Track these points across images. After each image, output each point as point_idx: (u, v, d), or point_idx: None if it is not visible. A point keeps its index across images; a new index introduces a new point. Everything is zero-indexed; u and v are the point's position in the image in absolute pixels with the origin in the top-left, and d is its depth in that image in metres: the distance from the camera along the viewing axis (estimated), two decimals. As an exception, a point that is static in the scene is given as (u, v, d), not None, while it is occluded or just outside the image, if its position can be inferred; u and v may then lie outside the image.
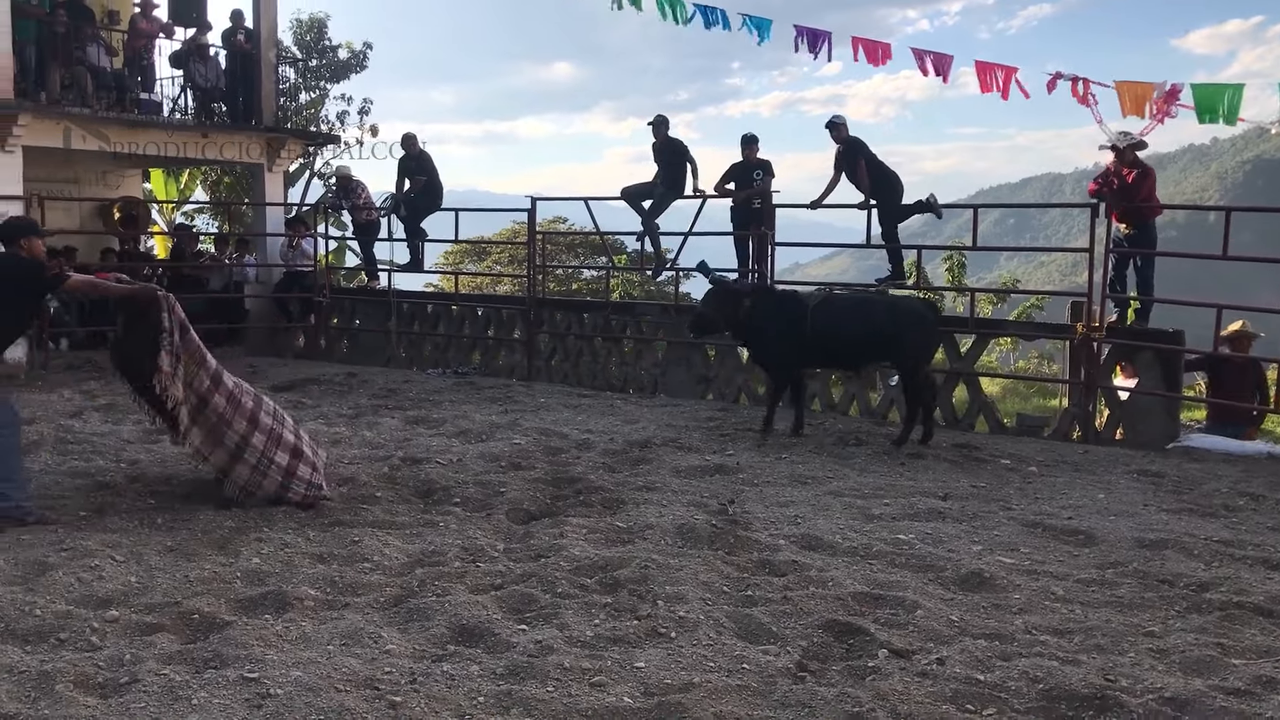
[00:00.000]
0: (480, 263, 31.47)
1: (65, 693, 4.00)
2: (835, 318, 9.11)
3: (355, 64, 30.27)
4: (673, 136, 12.82)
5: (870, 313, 9.23)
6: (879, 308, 9.34)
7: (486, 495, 7.10)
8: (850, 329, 9.08)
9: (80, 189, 16.61)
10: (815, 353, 9.29)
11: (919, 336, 9.13)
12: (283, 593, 5.10)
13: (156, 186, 22.41)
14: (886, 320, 9.07)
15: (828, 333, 9.05)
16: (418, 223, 14.81)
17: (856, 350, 9.26)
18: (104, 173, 17.10)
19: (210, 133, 15.34)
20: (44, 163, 14.23)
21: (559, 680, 4.17)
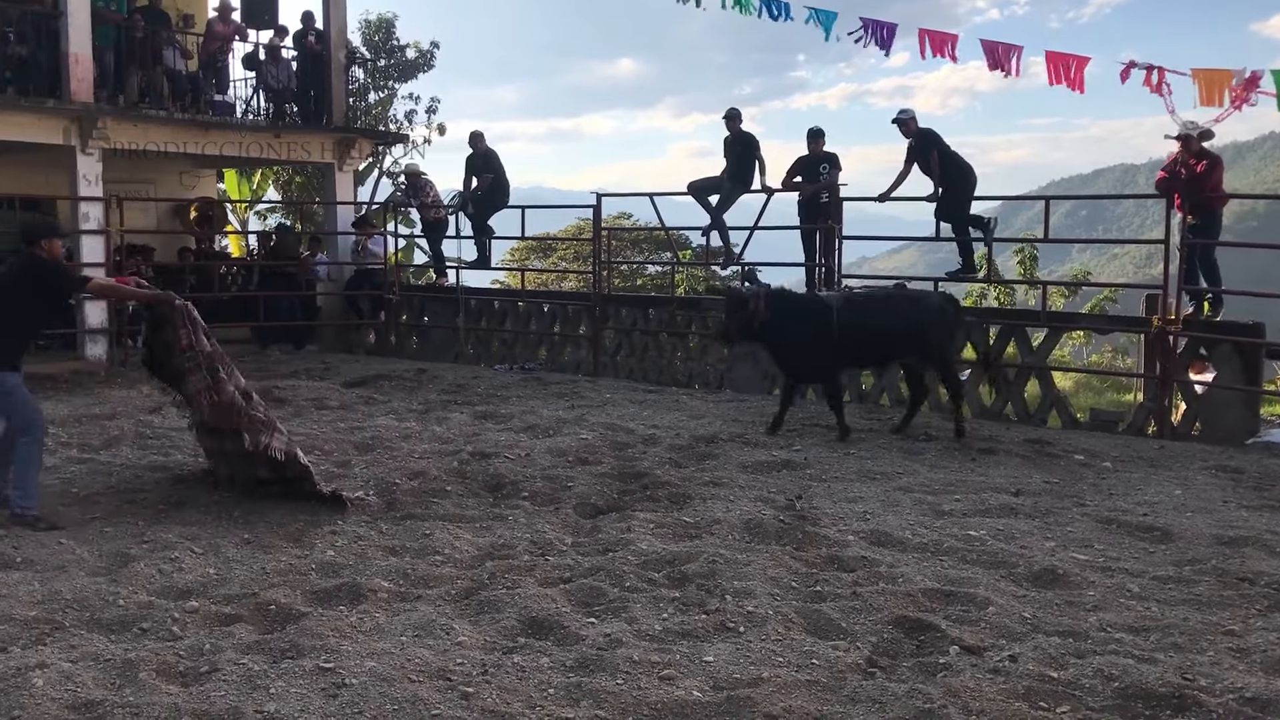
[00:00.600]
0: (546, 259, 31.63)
1: (148, 680, 4.11)
2: (861, 316, 9.05)
3: (423, 63, 30.57)
4: (744, 130, 12.79)
5: (894, 309, 9.23)
6: (902, 304, 9.37)
7: (554, 490, 7.15)
8: (876, 327, 9.03)
9: (157, 189, 16.99)
10: (845, 353, 9.19)
11: (941, 331, 9.23)
12: (356, 585, 5.19)
13: (230, 186, 22.84)
14: (910, 316, 9.10)
15: (854, 332, 8.97)
16: (485, 220, 14.95)
17: (883, 348, 9.23)
18: (180, 173, 17.48)
19: (282, 133, 15.60)
20: (123, 164, 14.57)
21: (628, 673, 4.20)
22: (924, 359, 9.32)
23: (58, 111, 13.07)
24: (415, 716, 3.81)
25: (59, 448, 8.34)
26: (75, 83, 13.14)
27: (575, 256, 29.69)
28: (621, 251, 27.04)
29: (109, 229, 13.43)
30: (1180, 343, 9.91)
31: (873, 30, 12.82)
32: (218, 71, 15.56)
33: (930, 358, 9.28)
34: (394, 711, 3.85)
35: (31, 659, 4.28)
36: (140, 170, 16.00)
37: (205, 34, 15.47)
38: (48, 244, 6.67)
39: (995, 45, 12.22)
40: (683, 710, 3.93)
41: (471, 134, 14.94)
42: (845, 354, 9.18)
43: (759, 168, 12.59)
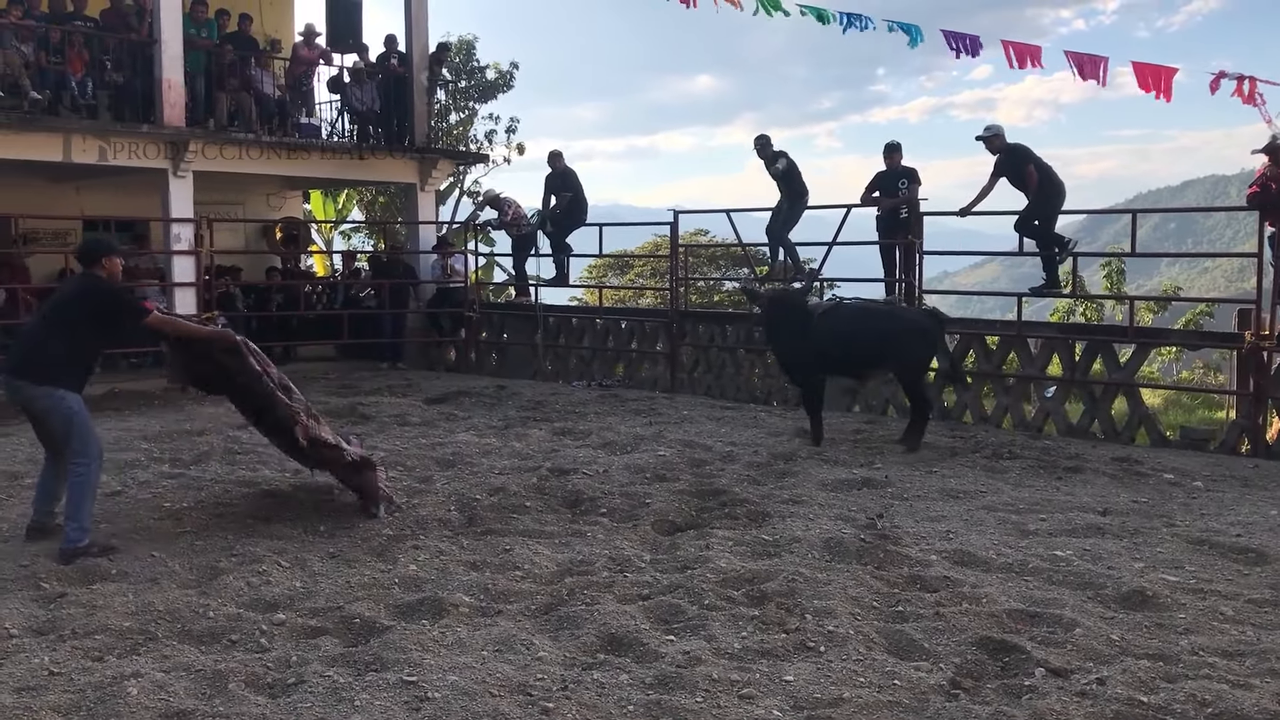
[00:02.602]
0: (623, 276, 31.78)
1: (237, 691, 4.21)
2: (836, 326, 9.40)
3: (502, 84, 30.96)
4: (776, 150, 12.80)
5: (870, 322, 9.49)
6: (878, 317, 9.61)
7: (632, 506, 7.17)
8: (849, 337, 9.32)
9: (245, 210, 17.42)
10: (821, 360, 9.48)
11: (916, 345, 9.37)
12: (439, 599, 5.25)
13: (315, 207, 23.33)
14: (885, 329, 9.34)
15: (829, 340, 9.32)
16: (563, 238, 15.08)
17: (857, 358, 9.45)
18: (268, 195, 17.89)
19: (365, 154, 15.89)
20: (213, 186, 14.96)
21: (708, 691, 4.19)
22: (898, 373, 9.66)
23: (152, 136, 13.47)
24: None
25: (150, 463, 8.59)
26: (168, 108, 13.54)
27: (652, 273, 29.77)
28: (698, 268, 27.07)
29: (199, 249, 13.80)
30: (1275, 358, 9.62)
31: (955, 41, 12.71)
32: (304, 95, 15.91)
33: (901, 372, 9.60)
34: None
35: (126, 668, 4.41)
36: (229, 192, 16.43)
37: (291, 58, 15.84)
38: (108, 263, 6.48)
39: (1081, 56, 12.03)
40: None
41: (550, 153, 15.11)
42: (821, 361, 9.51)
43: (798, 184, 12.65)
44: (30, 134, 12.55)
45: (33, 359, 6.20)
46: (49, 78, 12.91)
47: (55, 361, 6.16)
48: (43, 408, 6.19)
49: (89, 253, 6.52)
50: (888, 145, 12.28)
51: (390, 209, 26.18)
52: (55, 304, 6.44)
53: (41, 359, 6.17)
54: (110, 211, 15.01)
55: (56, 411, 6.16)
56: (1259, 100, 10.75)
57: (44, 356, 6.17)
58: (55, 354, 6.17)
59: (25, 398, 6.22)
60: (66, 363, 6.19)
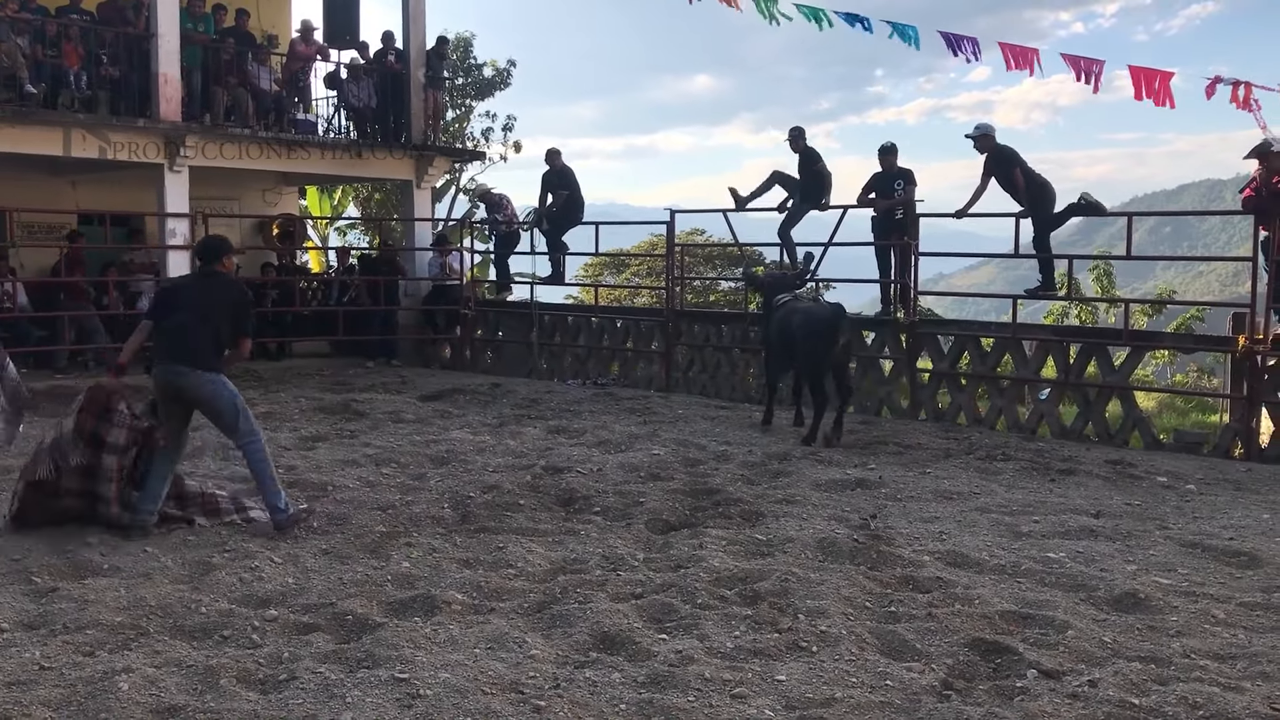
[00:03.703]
0: (619, 275, 31.77)
1: (229, 687, 4.20)
2: (777, 319, 9.97)
3: (499, 81, 30.97)
4: (808, 146, 12.75)
5: (789, 317, 9.81)
6: (793, 313, 9.83)
7: (626, 505, 7.17)
8: (779, 331, 9.86)
9: (242, 206, 17.39)
10: (769, 348, 10.33)
11: (807, 343, 9.54)
12: (431, 596, 5.25)
13: (312, 203, 23.31)
14: (791, 323, 9.70)
15: (773, 332, 10.03)
16: (559, 236, 15.07)
17: (783, 353, 10.04)
18: (264, 191, 17.87)
19: (362, 151, 15.89)
20: (209, 182, 14.96)
21: (700, 690, 4.19)
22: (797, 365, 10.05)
23: (148, 130, 13.46)
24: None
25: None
26: (164, 102, 13.53)
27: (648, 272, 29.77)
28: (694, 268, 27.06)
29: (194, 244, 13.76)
30: (1269, 362, 9.64)
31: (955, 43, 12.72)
32: (300, 91, 15.91)
33: (800, 367, 10.02)
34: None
35: (118, 663, 4.40)
36: (225, 187, 16.42)
37: (288, 54, 15.83)
38: (228, 260, 6.98)
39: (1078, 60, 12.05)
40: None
41: (548, 151, 15.09)
42: (769, 349, 10.36)
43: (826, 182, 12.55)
44: (26, 128, 12.55)
45: (198, 348, 6.49)
46: (45, 71, 12.89)
47: (217, 351, 6.59)
48: (208, 394, 6.50)
49: (213, 250, 6.91)
50: (883, 147, 12.30)
51: (386, 206, 26.15)
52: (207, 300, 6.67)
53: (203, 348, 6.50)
54: (106, 206, 14.97)
55: (222, 397, 6.51)
56: (1254, 105, 10.78)
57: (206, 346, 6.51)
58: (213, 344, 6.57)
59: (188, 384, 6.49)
60: (219, 353, 6.62)
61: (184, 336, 6.54)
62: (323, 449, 9.17)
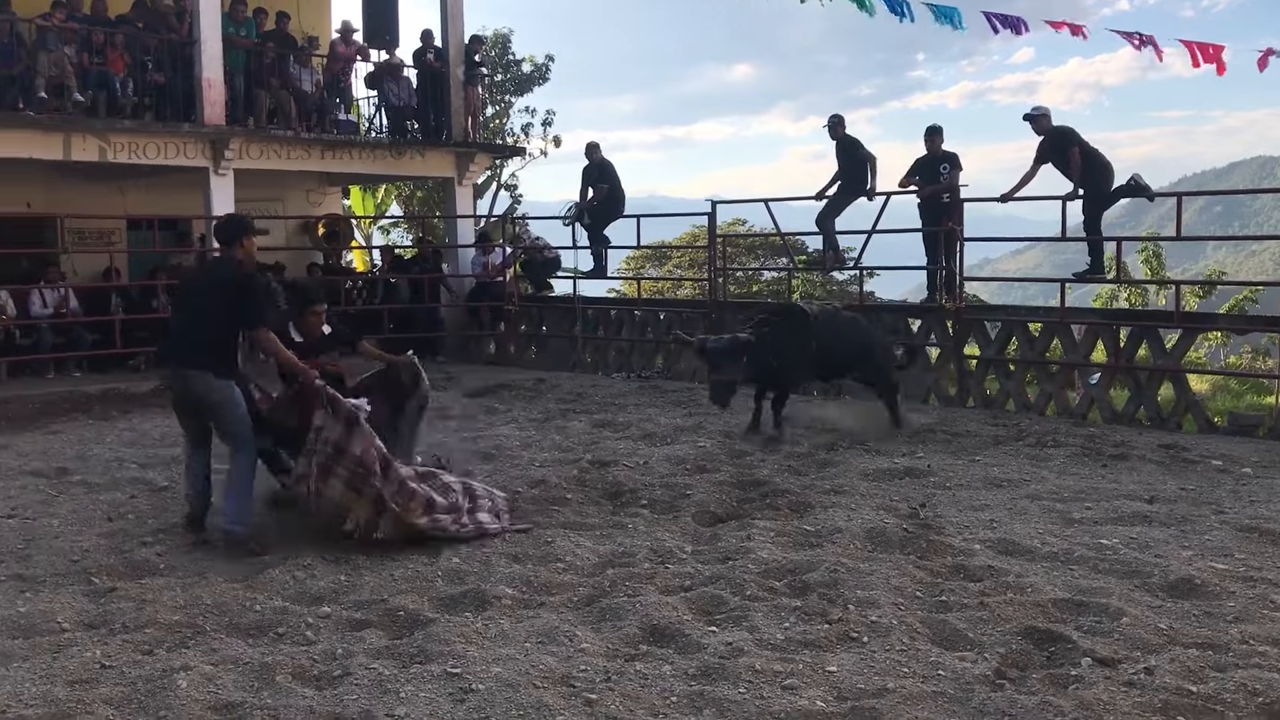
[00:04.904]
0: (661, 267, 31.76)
1: (285, 684, 4.25)
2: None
3: (538, 77, 31.04)
4: (848, 134, 12.68)
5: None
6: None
7: (673, 498, 7.17)
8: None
9: (286, 207, 17.57)
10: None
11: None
12: (481, 591, 5.28)
13: (355, 203, 23.49)
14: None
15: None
16: (600, 230, 15.10)
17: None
18: (308, 191, 18.05)
19: (404, 150, 16.00)
20: (253, 183, 15.12)
21: (750, 682, 4.18)
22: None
23: (193, 134, 13.63)
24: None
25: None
26: (208, 107, 13.69)
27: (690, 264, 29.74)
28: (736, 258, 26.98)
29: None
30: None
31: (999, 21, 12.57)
32: (341, 91, 16.04)
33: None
34: (519, 717, 3.90)
35: (176, 661, 4.47)
36: (270, 189, 16.59)
37: (329, 55, 15.95)
38: (248, 242, 6.38)
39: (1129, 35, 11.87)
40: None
41: (587, 145, 15.13)
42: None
43: (870, 169, 12.46)
44: (75, 135, 12.74)
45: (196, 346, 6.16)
46: (92, 79, 13.08)
47: (219, 348, 6.18)
48: (213, 400, 6.18)
49: (229, 232, 6.41)
50: (929, 129, 12.17)
51: (428, 203, 26.31)
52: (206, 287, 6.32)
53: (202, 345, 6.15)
54: (153, 210, 15.18)
55: (226, 404, 6.17)
56: (1307, 79, 10.54)
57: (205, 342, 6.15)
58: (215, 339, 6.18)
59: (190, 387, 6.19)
60: (223, 350, 6.21)
61: (183, 333, 6.29)
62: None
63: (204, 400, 6.23)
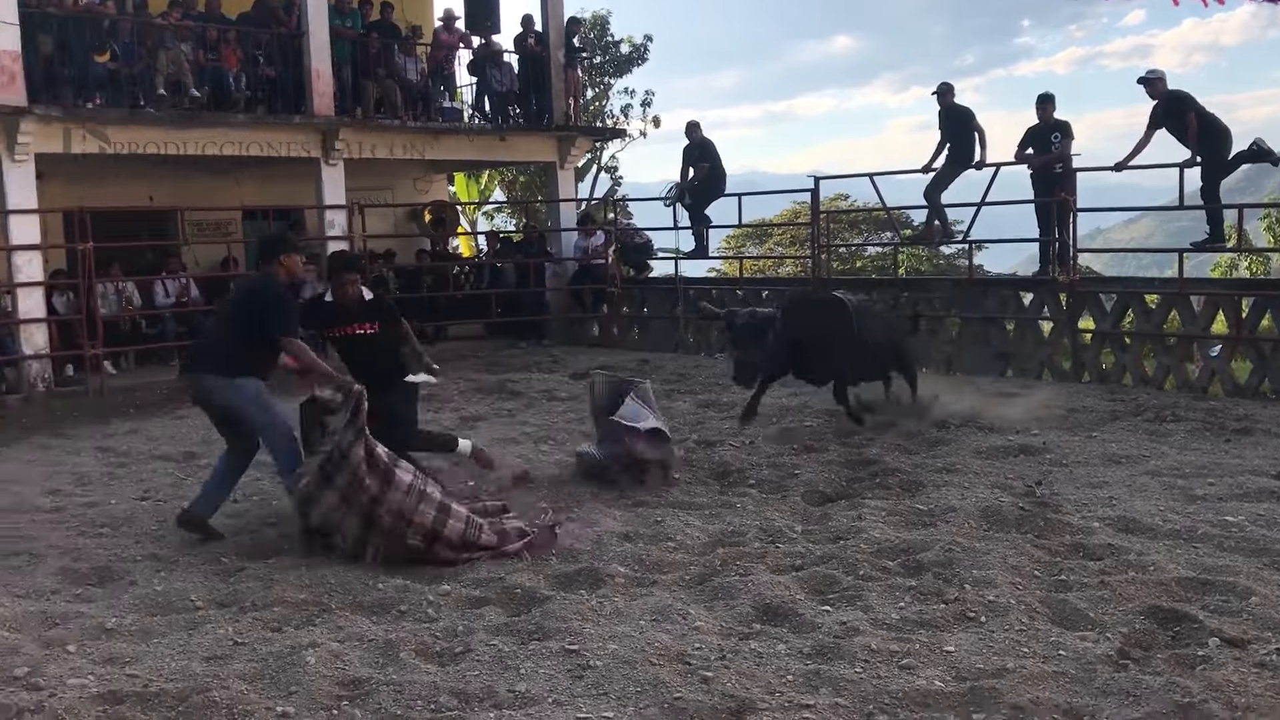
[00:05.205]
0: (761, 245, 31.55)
1: (408, 660, 4.38)
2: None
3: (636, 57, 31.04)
4: (957, 104, 12.42)
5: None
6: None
7: (781, 477, 7.16)
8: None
9: (395, 195, 17.89)
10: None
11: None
12: (595, 570, 5.36)
13: (459, 189, 23.81)
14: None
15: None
16: (701, 210, 15.06)
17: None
18: (414, 179, 18.34)
19: (507, 135, 16.18)
20: (362, 172, 15.42)
21: (866, 661, 4.18)
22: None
23: (303, 126, 13.96)
24: (658, 699, 3.91)
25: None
26: (318, 98, 14.00)
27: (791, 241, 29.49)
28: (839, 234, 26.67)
29: (352, 235, 14.26)
30: None
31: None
32: (445, 79, 16.26)
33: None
34: (637, 693, 3.96)
35: (304, 638, 4.62)
36: (378, 178, 16.91)
37: (432, 44, 16.18)
38: (288, 260, 6.32)
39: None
40: (925, 700, 3.88)
41: (687, 124, 15.10)
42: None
43: (978, 140, 12.22)
44: (192, 129, 13.15)
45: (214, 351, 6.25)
46: (207, 75, 13.48)
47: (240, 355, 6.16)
48: (229, 400, 6.18)
49: (266, 249, 6.41)
50: (1040, 97, 11.85)
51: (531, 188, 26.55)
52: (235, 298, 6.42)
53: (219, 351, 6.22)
54: (267, 201, 15.62)
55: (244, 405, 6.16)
56: None
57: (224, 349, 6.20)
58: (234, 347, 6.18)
59: (204, 388, 6.26)
60: (244, 356, 6.18)
61: (205, 339, 6.36)
62: (483, 428, 9.42)
63: (213, 399, 6.25)
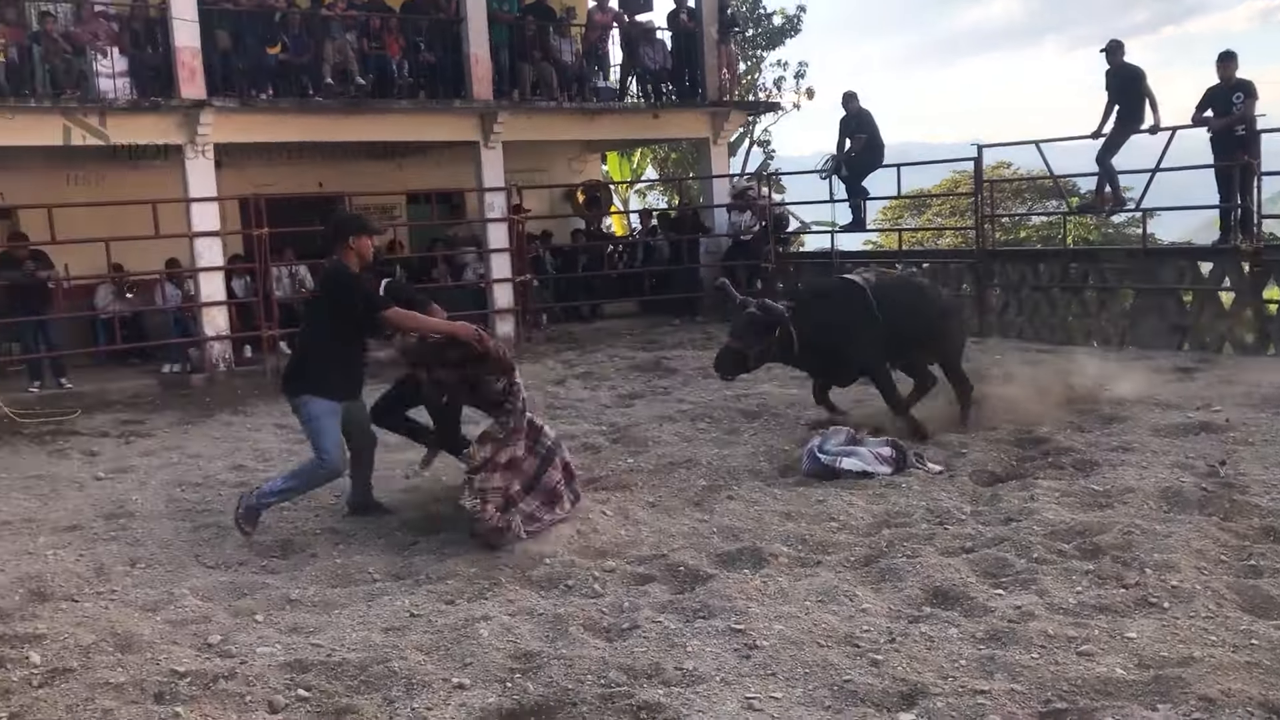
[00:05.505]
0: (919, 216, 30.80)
1: (578, 635, 4.45)
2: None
3: (789, 29, 30.59)
4: (1127, 63, 11.86)
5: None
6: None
7: (948, 456, 7.00)
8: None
9: (550, 176, 18.14)
10: None
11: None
12: (758, 549, 5.34)
13: (612, 167, 23.98)
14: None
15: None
16: (859, 182, 14.80)
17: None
18: (569, 159, 18.56)
19: (660, 113, 16.20)
20: (520, 154, 15.69)
21: (1043, 647, 4.05)
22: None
23: (463, 110, 14.27)
24: (827, 680, 3.88)
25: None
26: (477, 83, 14.29)
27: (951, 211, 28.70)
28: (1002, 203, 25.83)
29: (510, 216, 14.53)
30: None
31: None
32: (599, 59, 16.36)
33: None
34: (805, 675, 3.94)
35: (476, 611, 4.75)
36: (535, 159, 17.17)
37: (586, 24, 16.30)
38: (357, 242, 5.94)
39: None
40: (1105, 688, 3.74)
41: (844, 94, 14.83)
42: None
43: (1149, 103, 11.65)
44: (358, 117, 13.59)
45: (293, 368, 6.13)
46: (372, 63, 13.90)
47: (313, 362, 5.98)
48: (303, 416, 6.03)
49: (336, 232, 5.98)
50: (1221, 55, 11.20)
51: (683, 164, 26.52)
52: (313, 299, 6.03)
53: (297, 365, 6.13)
54: (429, 184, 16.04)
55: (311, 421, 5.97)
56: None
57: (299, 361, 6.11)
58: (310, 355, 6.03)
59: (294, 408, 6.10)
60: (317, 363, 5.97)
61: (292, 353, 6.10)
62: (640, 405, 9.50)
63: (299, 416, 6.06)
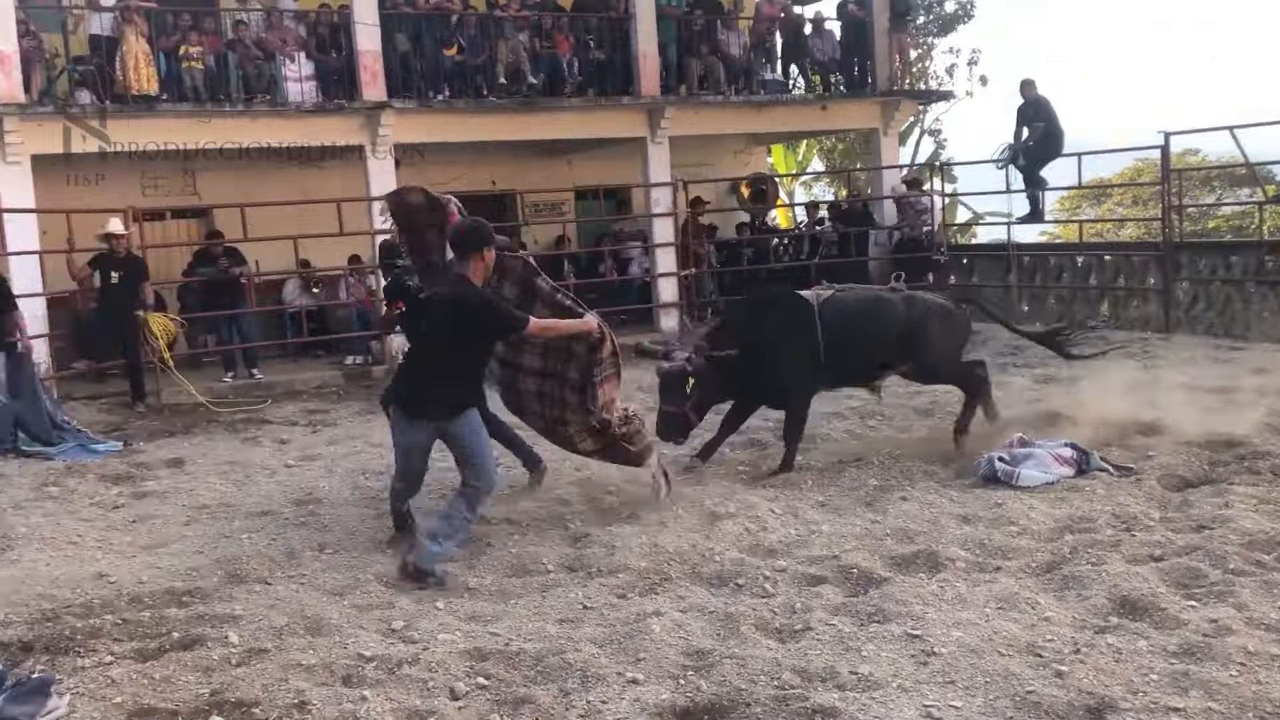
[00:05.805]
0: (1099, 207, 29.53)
1: (749, 634, 4.43)
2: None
3: (962, 15, 29.76)
4: None
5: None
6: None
7: (1133, 458, 6.72)
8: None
9: (716, 170, 18.11)
10: None
11: None
12: (934, 552, 5.23)
13: (776, 160, 23.77)
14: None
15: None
16: (1036, 172, 14.33)
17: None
18: (735, 153, 18.50)
19: (829, 104, 16.01)
20: (686, 149, 15.72)
21: (1243, 664, 3.85)
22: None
23: (631, 107, 14.42)
24: (1009, 691, 3.77)
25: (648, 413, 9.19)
26: (644, 79, 14.40)
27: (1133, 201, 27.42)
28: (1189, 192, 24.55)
29: (675, 211, 14.60)
30: None
31: None
32: (766, 51, 16.26)
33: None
34: (986, 684, 3.84)
35: (648, 606, 4.79)
36: (701, 153, 17.18)
37: (754, 16, 16.22)
38: (488, 254, 5.58)
39: None
40: (1314, 712, 3.53)
41: (1021, 82, 14.35)
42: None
43: None
44: (530, 115, 13.88)
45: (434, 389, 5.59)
46: (544, 62, 14.16)
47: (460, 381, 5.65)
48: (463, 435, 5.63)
49: (465, 244, 5.54)
50: None
51: (850, 155, 26.12)
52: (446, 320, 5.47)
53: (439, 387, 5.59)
54: (597, 181, 16.24)
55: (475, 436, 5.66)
56: None
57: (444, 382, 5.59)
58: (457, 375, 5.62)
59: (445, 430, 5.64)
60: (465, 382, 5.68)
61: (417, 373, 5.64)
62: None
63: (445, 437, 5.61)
